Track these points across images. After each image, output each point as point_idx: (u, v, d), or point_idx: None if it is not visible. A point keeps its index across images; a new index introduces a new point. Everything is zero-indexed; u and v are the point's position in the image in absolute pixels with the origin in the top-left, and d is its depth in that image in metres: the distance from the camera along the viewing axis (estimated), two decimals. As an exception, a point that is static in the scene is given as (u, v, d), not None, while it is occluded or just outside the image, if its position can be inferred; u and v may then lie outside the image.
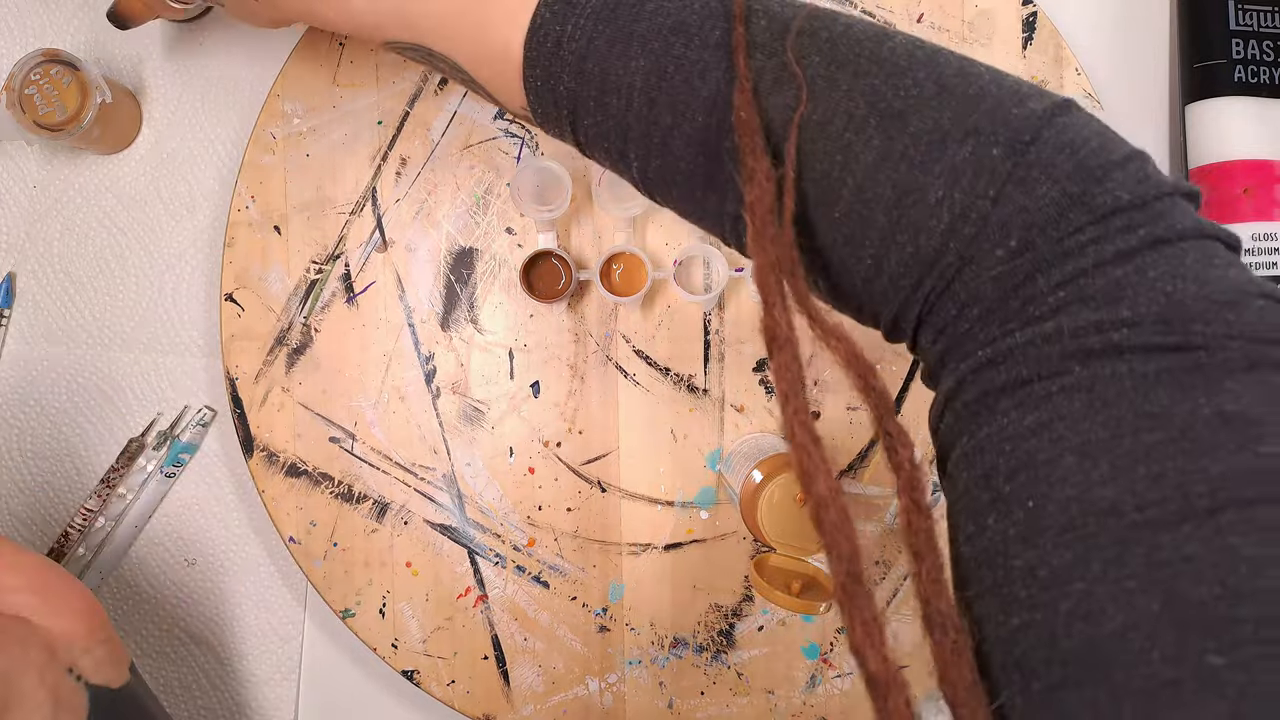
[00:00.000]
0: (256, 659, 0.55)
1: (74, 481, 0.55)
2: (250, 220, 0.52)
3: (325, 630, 0.54)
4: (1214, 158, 0.51)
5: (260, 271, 0.52)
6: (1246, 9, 0.51)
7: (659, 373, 0.52)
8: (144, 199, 0.54)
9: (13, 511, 0.55)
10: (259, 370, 0.52)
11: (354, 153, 0.52)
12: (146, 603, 0.55)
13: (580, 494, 0.52)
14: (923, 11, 0.51)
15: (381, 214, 0.52)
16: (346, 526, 0.51)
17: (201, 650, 0.55)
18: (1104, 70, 0.53)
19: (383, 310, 0.52)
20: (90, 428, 0.55)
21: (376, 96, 0.52)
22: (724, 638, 0.52)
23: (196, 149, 0.54)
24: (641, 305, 0.52)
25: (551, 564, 0.52)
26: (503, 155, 0.52)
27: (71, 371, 0.54)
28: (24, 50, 0.54)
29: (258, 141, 0.52)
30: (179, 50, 0.54)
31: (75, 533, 0.54)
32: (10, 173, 0.54)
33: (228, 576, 0.55)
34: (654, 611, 0.52)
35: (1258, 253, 0.50)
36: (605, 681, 0.52)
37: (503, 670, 0.52)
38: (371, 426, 0.52)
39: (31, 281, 0.54)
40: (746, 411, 0.52)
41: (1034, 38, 0.51)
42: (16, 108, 0.48)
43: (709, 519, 0.52)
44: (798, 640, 0.52)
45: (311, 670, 0.54)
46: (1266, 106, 0.50)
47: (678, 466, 0.52)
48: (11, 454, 0.55)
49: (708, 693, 0.52)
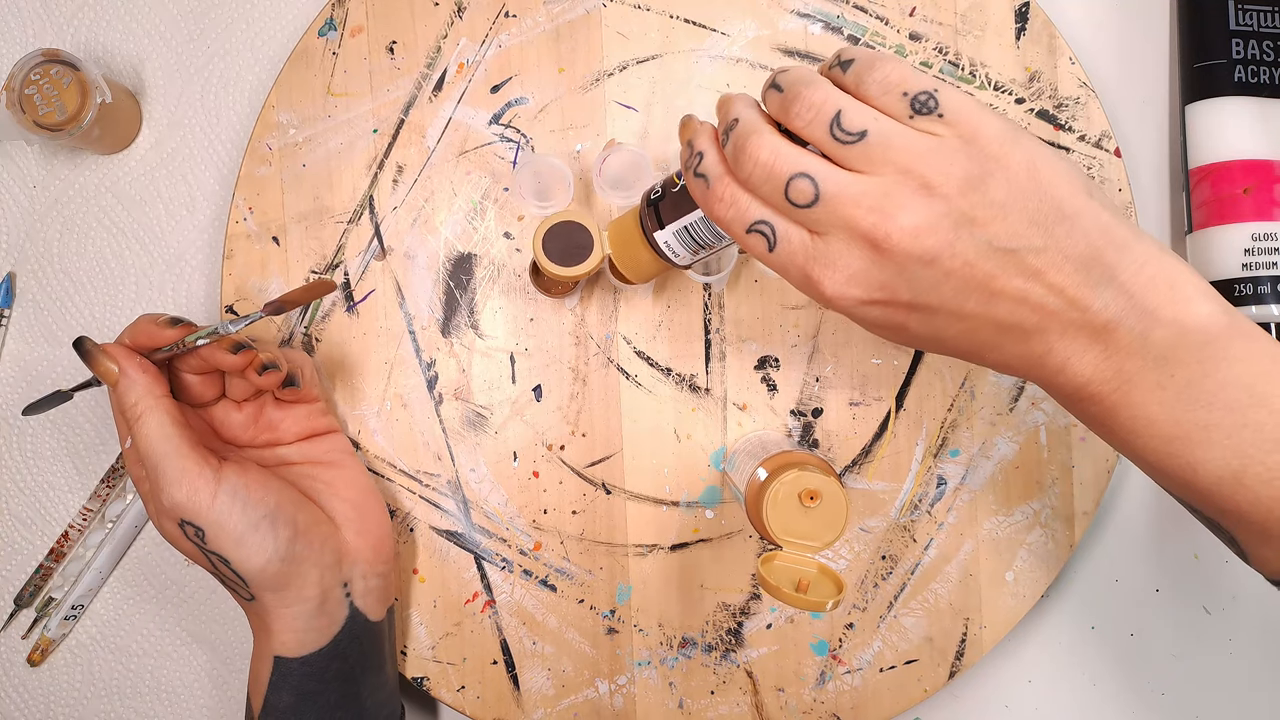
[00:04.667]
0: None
1: (75, 481, 0.55)
2: (248, 232, 0.52)
3: (333, 639, 0.54)
4: (1214, 158, 0.51)
5: (260, 283, 0.52)
6: (1246, 9, 0.51)
7: (660, 373, 0.52)
8: (144, 199, 0.54)
9: (13, 511, 0.55)
10: (261, 381, 0.52)
11: (350, 161, 0.52)
12: (147, 602, 0.55)
13: (585, 496, 0.52)
14: (915, 5, 0.51)
15: (379, 222, 0.52)
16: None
17: (201, 650, 0.55)
18: (1104, 70, 0.53)
19: (383, 318, 0.52)
20: (90, 428, 0.55)
21: (371, 104, 0.52)
22: (733, 636, 0.52)
23: (196, 149, 0.54)
24: (638, 304, 0.52)
25: (558, 567, 0.52)
26: (499, 160, 0.52)
27: (71, 371, 0.54)
28: (24, 50, 0.54)
29: (253, 153, 0.52)
30: (179, 50, 0.54)
31: (76, 532, 0.54)
32: (10, 173, 0.54)
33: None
34: (662, 612, 0.52)
35: (1258, 253, 0.50)
36: (615, 683, 0.52)
37: (512, 675, 0.52)
38: (375, 435, 0.52)
39: (31, 281, 0.55)
40: (749, 410, 0.52)
41: (1027, 29, 0.51)
42: (16, 108, 0.48)
43: (714, 518, 0.52)
44: (806, 637, 0.51)
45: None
46: (1266, 106, 0.50)
47: (682, 467, 0.52)
48: (12, 453, 0.55)
49: (718, 692, 0.52)
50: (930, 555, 0.51)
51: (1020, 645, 0.54)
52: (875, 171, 0.31)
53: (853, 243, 0.32)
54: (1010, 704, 0.54)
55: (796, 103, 0.32)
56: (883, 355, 0.51)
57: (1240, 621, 0.54)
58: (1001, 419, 0.51)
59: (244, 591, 0.43)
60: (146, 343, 0.43)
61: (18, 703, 0.55)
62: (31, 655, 0.55)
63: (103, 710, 0.55)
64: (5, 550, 0.55)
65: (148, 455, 0.41)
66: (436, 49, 0.52)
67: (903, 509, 0.52)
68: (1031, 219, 0.31)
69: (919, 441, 0.51)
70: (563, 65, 0.52)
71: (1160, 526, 0.54)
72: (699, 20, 0.52)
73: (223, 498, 0.41)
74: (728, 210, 0.34)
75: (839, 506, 0.40)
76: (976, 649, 0.51)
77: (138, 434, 0.42)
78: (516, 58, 0.52)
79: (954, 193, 0.31)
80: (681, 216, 0.39)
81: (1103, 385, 0.33)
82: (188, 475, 0.41)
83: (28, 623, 0.55)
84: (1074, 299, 0.31)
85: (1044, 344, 0.33)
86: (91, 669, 0.55)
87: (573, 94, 0.52)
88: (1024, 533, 0.51)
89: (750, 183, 0.33)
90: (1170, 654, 0.54)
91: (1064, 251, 0.31)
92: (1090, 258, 0.31)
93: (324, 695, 0.45)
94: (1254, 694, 0.54)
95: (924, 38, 0.51)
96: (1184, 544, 0.54)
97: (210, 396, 0.46)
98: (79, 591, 0.54)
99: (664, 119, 0.52)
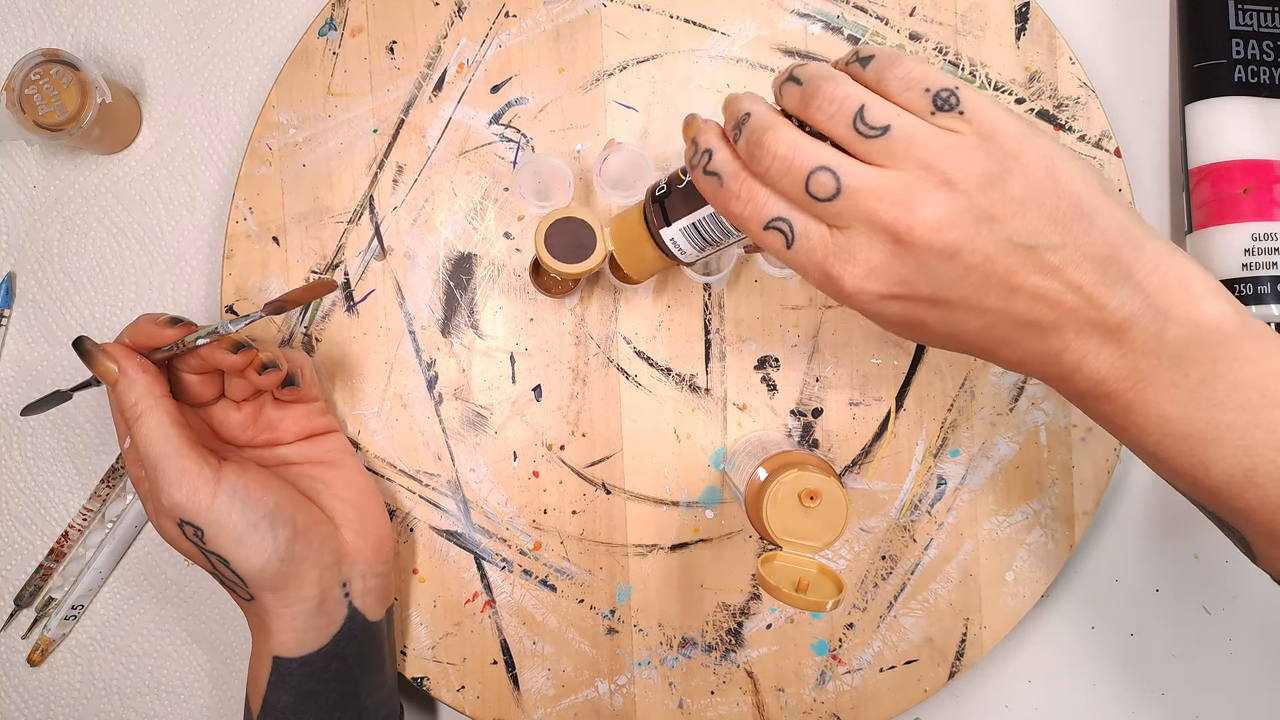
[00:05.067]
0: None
1: (75, 481, 0.55)
2: (248, 232, 0.52)
3: (333, 639, 0.54)
4: (1214, 158, 0.51)
5: (260, 283, 0.52)
6: (1246, 9, 0.51)
7: (660, 373, 0.52)
8: (144, 199, 0.54)
9: (13, 511, 0.55)
10: (261, 381, 0.52)
11: (350, 161, 0.52)
12: (148, 602, 0.55)
13: (585, 496, 0.52)
14: (915, 5, 0.51)
15: (379, 222, 0.52)
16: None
17: (201, 650, 0.55)
18: (1104, 70, 0.53)
19: (383, 318, 0.52)
20: (90, 428, 0.55)
21: (371, 104, 0.52)
22: (732, 636, 0.52)
23: (196, 149, 0.54)
24: (638, 304, 0.52)
25: (558, 567, 0.52)
26: (499, 160, 0.52)
27: (71, 371, 0.54)
28: (24, 50, 0.54)
29: (253, 153, 0.52)
30: (179, 50, 0.54)
31: (76, 532, 0.54)
32: (10, 173, 0.54)
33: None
34: (662, 612, 0.52)
35: (1258, 253, 0.50)
36: (615, 683, 0.52)
37: (512, 675, 0.52)
38: (375, 435, 0.52)
39: (31, 281, 0.55)
40: (749, 410, 0.52)
41: (1027, 29, 0.51)
42: (16, 107, 0.48)
43: (714, 518, 0.52)
44: (806, 637, 0.51)
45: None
46: (1266, 106, 0.50)
47: (682, 466, 0.52)
48: (12, 453, 0.55)
49: (718, 692, 0.52)
50: (930, 555, 0.51)
51: (1020, 645, 0.54)
52: (897, 166, 0.31)
53: (874, 236, 0.31)
54: (1010, 704, 0.54)
55: (817, 96, 0.32)
56: (883, 355, 0.51)
57: (1240, 621, 0.54)
58: (1001, 419, 0.51)
59: (243, 591, 0.43)
60: (146, 342, 0.43)
61: (17, 703, 0.55)
62: (31, 655, 0.55)
63: (102, 710, 0.55)
64: (5, 550, 0.55)
65: (147, 455, 0.41)
66: (437, 49, 0.52)
67: (903, 509, 0.51)
68: (1050, 216, 0.31)
69: (919, 441, 0.51)
70: (563, 65, 0.52)
71: (1160, 526, 0.54)
72: (699, 20, 0.52)
73: (222, 498, 0.41)
74: (744, 207, 0.34)
75: (839, 507, 0.40)
76: (976, 649, 0.51)
77: (137, 434, 0.42)
78: (517, 58, 0.52)
79: (974, 189, 0.31)
80: (690, 213, 0.39)
81: (1118, 383, 0.33)
82: (187, 475, 0.41)
83: (28, 623, 0.55)
84: (1091, 296, 0.32)
85: (1061, 341, 0.33)
86: (91, 669, 0.55)
87: (573, 94, 0.52)
88: (1024, 533, 0.51)
89: (768, 176, 0.33)
90: (1170, 654, 0.54)
91: (1082, 249, 0.31)
92: (1107, 256, 0.32)
93: (323, 695, 0.45)
94: (1254, 694, 0.54)
95: (924, 38, 0.51)
96: (1184, 544, 0.54)
97: (210, 396, 0.46)
98: (79, 591, 0.54)
99: (664, 119, 0.52)
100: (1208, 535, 0.54)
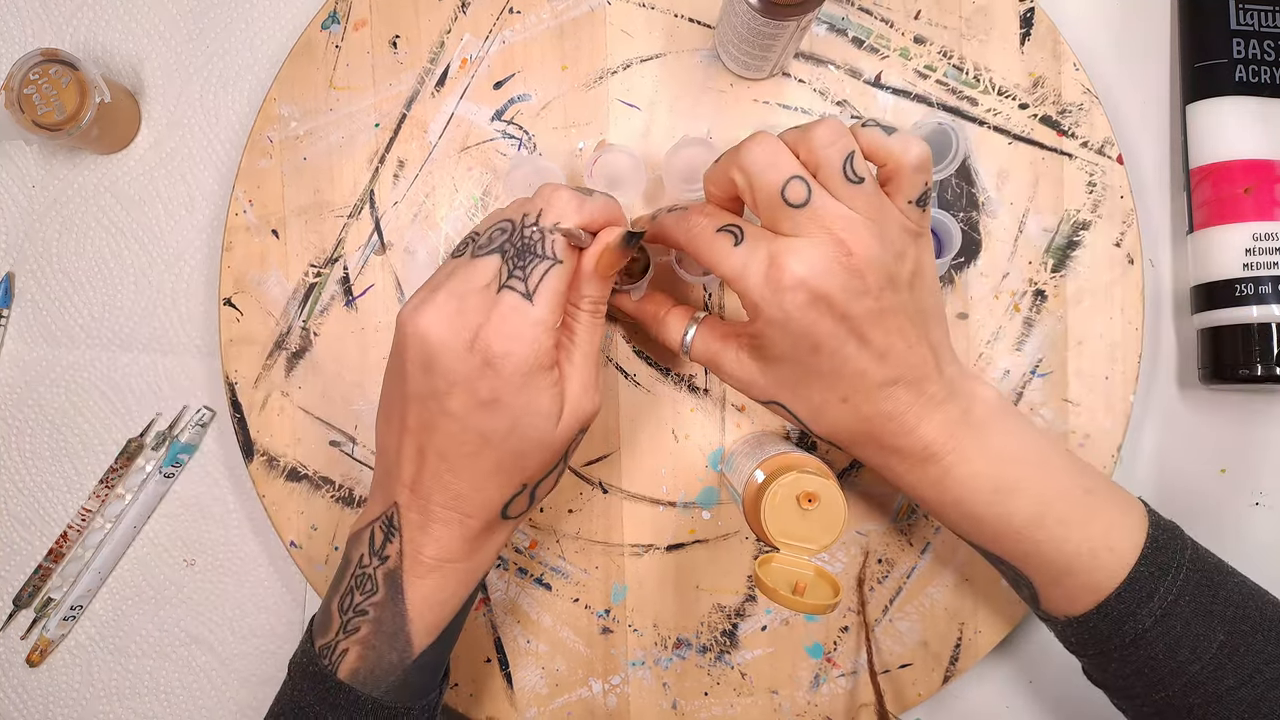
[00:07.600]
0: (257, 659, 0.55)
1: (73, 481, 0.55)
2: (248, 224, 0.52)
3: (328, 635, 0.54)
4: (1214, 157, 0.51)
5: (259, 276, 0.52)
6: (1247, 9, 0.51)
7: (659, 373, 0.52)
8: (143, 199, 0.54)
9: (12, 512, 0.55)
10: (258, 375, 0.52)
11: (351, 155, 0.52)
12: (146, 603, 0.55)
13: (582, 495, 0.52)
14: (920, 8, 0.51)
15: (379, 216, 0.52)
16: (349, 530, 0.51)
17: (201, 650, 0.55)
18: (1104, 70, 0.53)
19: (382, 313, 0.52)
20: (89, 428, 0.55)
21: (373, 99, 0.52)
22: (727, 638, 0.52)
23: (196, 149, 0.54)
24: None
25: (554, 566, 0.52)
26: (500, 156, 0.52)
27: (71, 371, 0.54)
28: (23, 50, 0.54)
29: (254, 146, 0.52)
30: (178, 50, 0.54)
31: (74, 533, 0.54)
32: (9, 172, 0.54)
33: (227, 576, 0.55)
34: (657, 612, 0.52)
35: (1258, 252, 0.50)
36: (609, 683, 0.52)
37: (506, 673, 0.52)
38: (372, 430, 0.52)
39: (30, 281, 0.54)
40: (748, 411, 0.51)
41: (1031, 34, 0.51)
42: (15, 107, 0.48)
43: (711, 519, 0.52)
44: (801, 640, 0.51)
45: (314, 675, 0.54)
46: (1267, 106, 0.50)
47: (679, 467, 0.51)
48: (11, 454, 0.55)
49: (711, 693, 0.52)
50: (926, 559, 0.51)
51: (1020, 646, 0.54)
52: (809, 232, 0.37)
53: (824, 244, 0.37)
54: (1011, 704, 0.54)
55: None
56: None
57: (1237, 629, 0.54)
58: (1000, 423, 0.51)
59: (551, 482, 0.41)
60: (606, 268, 0.40)
61: (17, 703, 0.55)
62: (30, 656, 0.54)
63: (102, 710, 0.55)
64: (5, 550, 0.55)
65: (585, 353, 0.39)
66: (440, 44, 0.52)
67: (900, 513, 0.51)
68: (930, 292, 0.40)
69: (917, 445, 0.51)
70: (566, 62, 0.52)
71: (1158, 533, 0.54)
72: (703, 19, 0.51)
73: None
74: (701, 219, 0.39)
75: (837, 509, 0.39)
76: (971, 654, 0.51)
77: (585, 327, 0.39)
78: (520, 54, 0.52)
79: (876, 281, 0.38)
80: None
81: (941, 447, 0.39)
82: (596, 387, 0.39)
83: (27, 623, 0.55)
84: (934, 370, 0.39)
85: (912, 396, 0.39)
86: (90, 669, 0.55)
87: (575, 91, 0.52)
88: (1021, 537, 0.51)
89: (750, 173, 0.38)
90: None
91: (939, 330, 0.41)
92: (942, 340, 0.40)
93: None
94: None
95: (929, 41, 0.51)
96: (1182, 551, 0.54)
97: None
98: (78, 592, 0.54)
99: (667, 118, 0.51)
100: (1204, 538, 0.53)
